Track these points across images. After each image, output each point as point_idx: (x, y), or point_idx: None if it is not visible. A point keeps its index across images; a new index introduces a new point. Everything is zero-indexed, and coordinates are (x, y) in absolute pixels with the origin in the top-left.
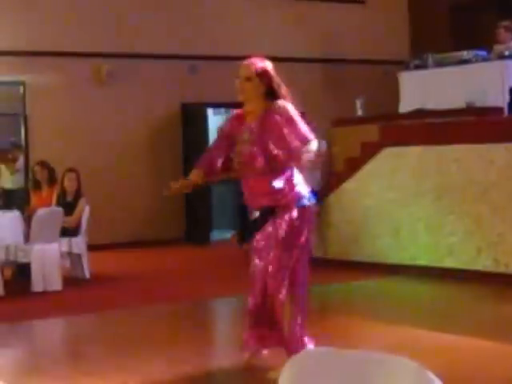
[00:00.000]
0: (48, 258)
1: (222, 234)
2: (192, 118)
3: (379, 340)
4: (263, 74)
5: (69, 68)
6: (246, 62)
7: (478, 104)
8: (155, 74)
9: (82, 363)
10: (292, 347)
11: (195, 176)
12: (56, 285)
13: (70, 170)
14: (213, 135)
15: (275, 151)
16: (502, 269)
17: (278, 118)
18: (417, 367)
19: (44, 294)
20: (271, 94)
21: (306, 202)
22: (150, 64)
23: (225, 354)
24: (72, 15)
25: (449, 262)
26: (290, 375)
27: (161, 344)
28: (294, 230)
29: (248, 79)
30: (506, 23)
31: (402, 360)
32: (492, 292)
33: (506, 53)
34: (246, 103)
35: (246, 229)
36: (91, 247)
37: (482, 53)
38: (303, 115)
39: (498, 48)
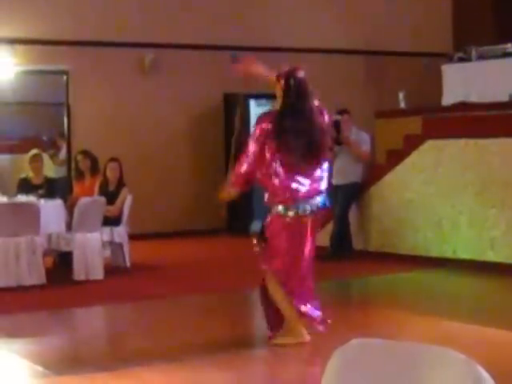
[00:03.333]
0: (90, 247)
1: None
2: (234, 108)
3: (420, 333)
4: None
5: (112, 58)
6: None
7: None
8: (198, 64)
9: (121, 351)
10: None
11: None
12: (97, 274)
13: (112, 159)
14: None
15: None
16: None
17: None
18: (466, 360)
19: (85, 282)
20: None
21: None
22: (192, 54)
23: (258, 342)
24: (115, 5)
25: (491, 256)
26: (336, 365)
27: (198, 333)
28: None
29: None
30: None
31: (449, 352)
32: None
33: None
34: None
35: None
36: (133, 236)
37: None
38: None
39: None
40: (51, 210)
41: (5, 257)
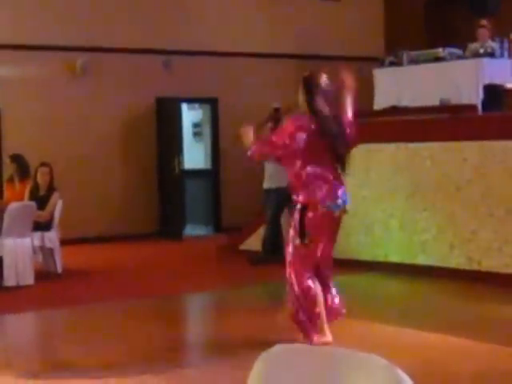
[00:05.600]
0: (20, 253)
1: (196, 230)
2: (167, 112)
3: (352, 336)
4: None
5: (43, 61)
6: None
7: (453, 101)
8: (130, 68)
9: (53, 358)
10: None
11: None
12: (28, 279)
13: (43, 164)
14: (187, 130)
15: None
16: (474, 266)
17: None
18: (386, 364)
19: (16, 288)
20: None
21: None
22: (124, 58)
23: (196, 349)
24: (46, 8)
25: (422, 259)
26: (260, 370)
27: (133, 339)
28: None
29: None
30: (484, 22)
31: (371, 357)
32: (464, 289)
33: (481, 51)
34: None
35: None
36: (64, 241)
37: (457, 51)
38: (277, 110)
39: (472, 46)
40: None
41: None
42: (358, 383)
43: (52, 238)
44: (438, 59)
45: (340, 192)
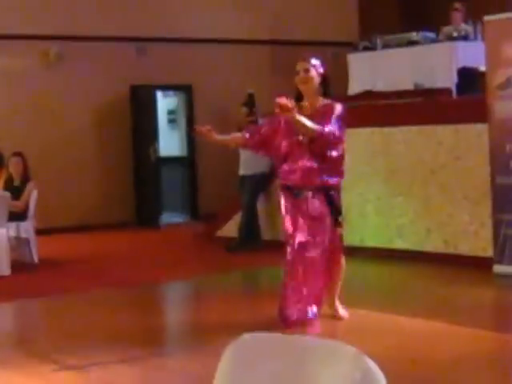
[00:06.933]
0: None
1: (172, 218)
2: (141, 100)
3: (325, 322)
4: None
5: (16, 50)
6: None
7: (427, 85)
8: (104, 56)
9: (30, 348)
10: None
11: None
12: (4, 270)
13: (15, 154)
14: (162, 117)
15: None
16: (451, 250)
17: None
18: (355, 353)
19: None
20: None
21: None
22: (98, 46)
23: (173, 337)
24: None
25: (398, 244)
26: (228, 360)
27: (109, 328)
28: None
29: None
30: (457, 5)
31: (340, 345)
32: (441, 273)
33: (455, 34)
34: None
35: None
36: (39, 231)
37: (431, 34)
38: (251, 96)
39: (446, 29)
40: None
41: None
42: (326, 371)
43: (27, 228)
44: (411, 43)
45: None
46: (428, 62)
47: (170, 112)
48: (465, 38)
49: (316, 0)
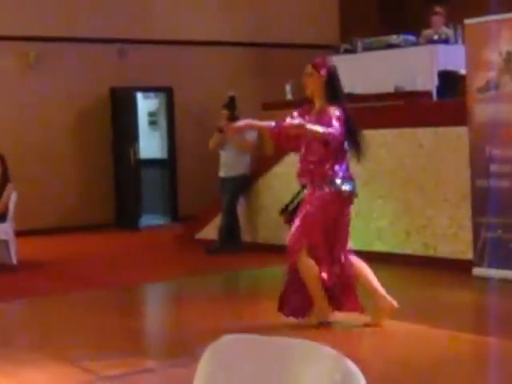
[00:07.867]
0: None
1: (152, 220)
2: (121, 101)
3: (308, 325)
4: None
5: None
6: None
7: (407, 88)
8: (84, 57)
9: (8, 351)
10: None
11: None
12: None
13: None
14: (142, 119)
15: None
16: (430, 252)
17: None
18: (335, 355)
19: None
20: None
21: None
22: (78, 48)
23: (153, 339)
24: None
25: (378, 246)
26: (208, 361)
27: (89, 330)
28: None
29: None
30: (438, 9)
31: (320, 347)
32: (421, 275)
33: (435, 37)
34: None
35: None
36: (20, 233)
37: (411, 37)
38: (232, 98)
39: (426, 33)
40: None
41: None
42: (306, 373)
43: (7, 229)
44: (392, 46)
45: None
46: (408, 65)
47: (151, 114)
48: (445, 41)
49: (297, 3)
